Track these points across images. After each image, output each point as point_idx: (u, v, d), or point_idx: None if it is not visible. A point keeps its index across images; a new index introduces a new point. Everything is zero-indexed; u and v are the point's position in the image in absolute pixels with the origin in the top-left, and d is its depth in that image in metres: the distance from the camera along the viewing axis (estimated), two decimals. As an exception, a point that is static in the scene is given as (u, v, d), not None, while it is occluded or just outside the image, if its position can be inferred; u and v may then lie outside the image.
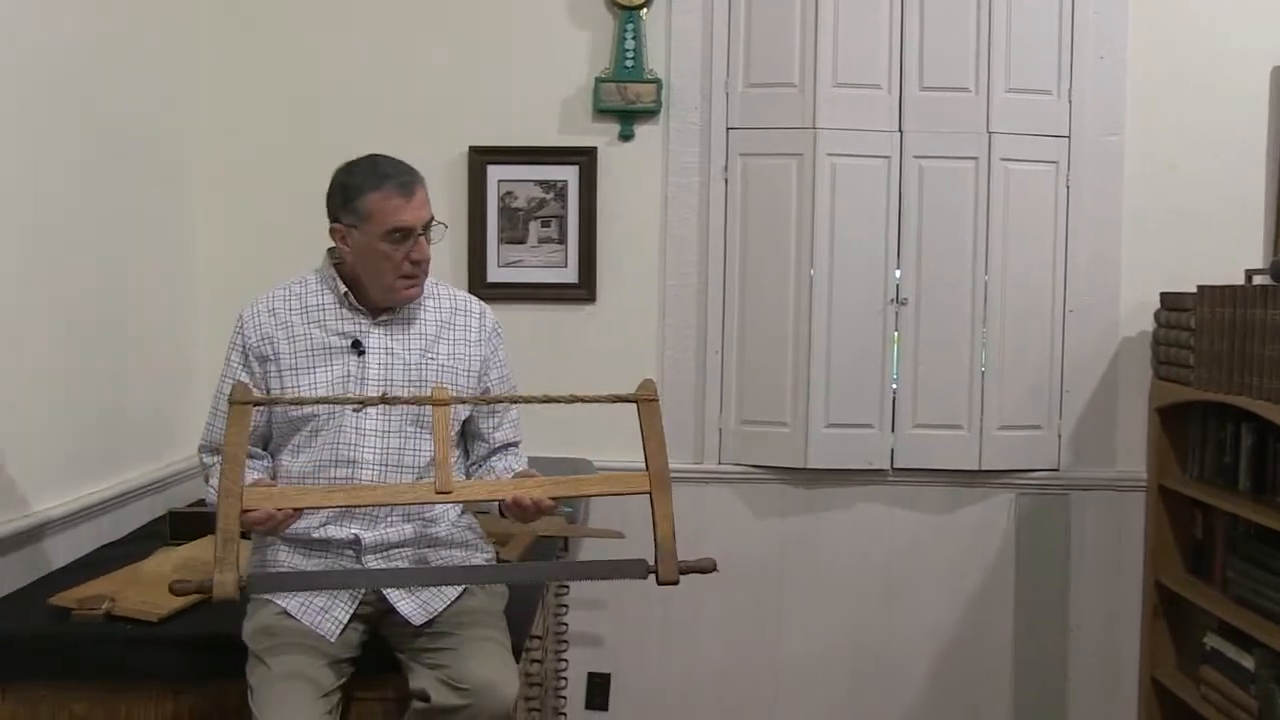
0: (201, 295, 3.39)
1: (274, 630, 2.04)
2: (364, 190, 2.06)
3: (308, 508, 1.96)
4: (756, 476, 3.47)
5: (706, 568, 1.89)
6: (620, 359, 3.41)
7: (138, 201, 3.03)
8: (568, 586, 3.20)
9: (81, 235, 2.74)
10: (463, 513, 2.23)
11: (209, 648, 2.14)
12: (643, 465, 1.92)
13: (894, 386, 3.39)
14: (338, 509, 2.07)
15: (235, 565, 1.79)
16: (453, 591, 2.13)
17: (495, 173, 3.43)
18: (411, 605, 2.10)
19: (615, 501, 3.34)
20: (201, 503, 2.90)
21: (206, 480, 2.15)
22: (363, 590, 2.09)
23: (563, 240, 3.45)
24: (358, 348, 2.11)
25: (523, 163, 3.42)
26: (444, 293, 2.24)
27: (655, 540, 1.87)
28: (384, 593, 2.09)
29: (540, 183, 3.44)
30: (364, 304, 2.14)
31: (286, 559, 2.12)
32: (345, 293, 2.13)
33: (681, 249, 3.45)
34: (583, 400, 1.91)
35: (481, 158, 3.42)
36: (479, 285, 3.42)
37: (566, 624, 3.23)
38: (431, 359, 2.14)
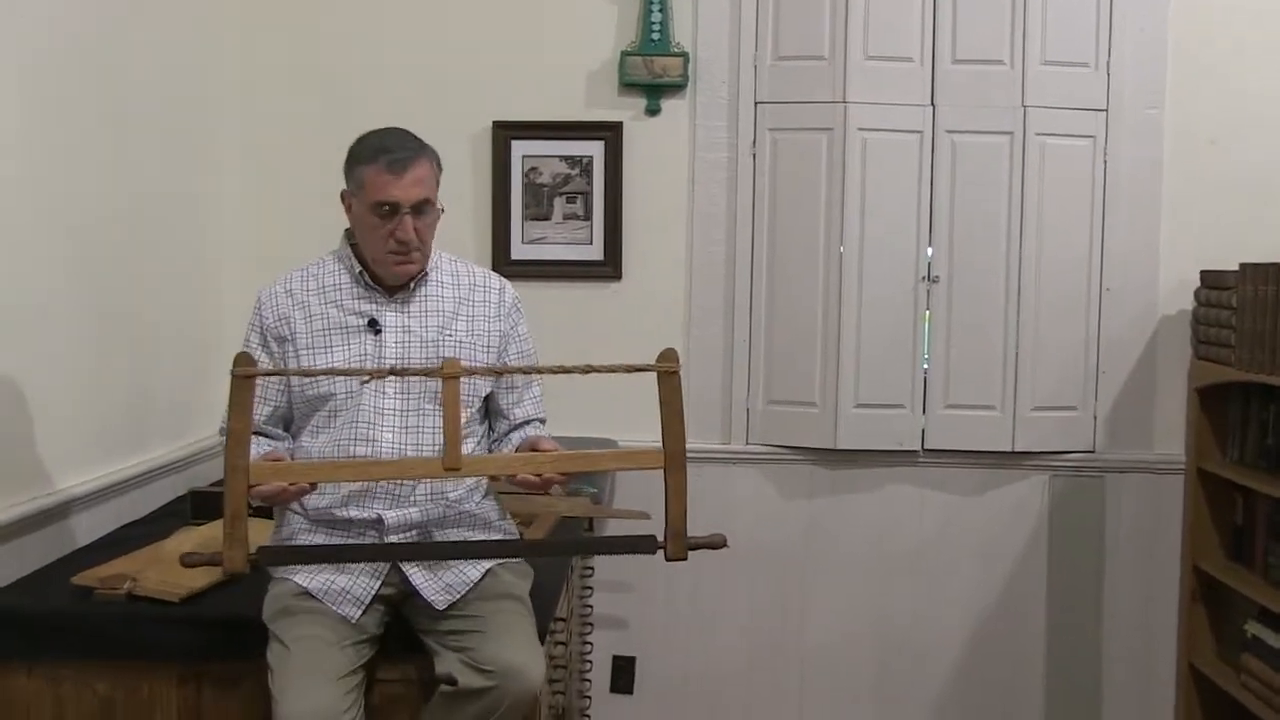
0: (227, 275, 3.40)
1: (293, 611, 2.04)
2: (361, 160, 2.08)
3: (314, 481, 1.96)
4: (784, 457, 3.46)
5: (716, 543, 1.89)
6: (646, 337, 3.37)
7: (163, 181, 3.03)
8: (592, 568, 3.21)
9: (107, 216, 2.74)
10: (486, 494, 2.23)
11: (229, 628, 2.15)
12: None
13: (925, 366, 3.38)
14: (360, 488, 2.08)
15: (245, 541, 1.80)
16: (475, 573, 2.11)
17: (519, 148, 3.42)
18: (434, 589, 2.09)
19: (642, 483, 3.36)
20: (223, 482, 2.89)
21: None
22: (384, 570, 2.08)
23: (588, 217, 3.44)
24: (374, 326, 2.12)
25: (547, 138, 3.42)
26: (463, 269, 2.24)
27: (666, 517, 1.87)
28: (406, 574, 2.08)
29: (565, 158, 3.43)
30: (379, 282, 2.14)
31: (308, 539, 2.12)
32: (360, 271, 2.13)
33: (709, 225, 3.44)
34: (598, 370, 1.88)
35: (505, 133, 3.42)
36: (502, 262, 3.42)
37: (591, 606, 3.25)
38: (449, 336, 2.14)
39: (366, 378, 1.94)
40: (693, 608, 3.51)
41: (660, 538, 1.90)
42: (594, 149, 3.42)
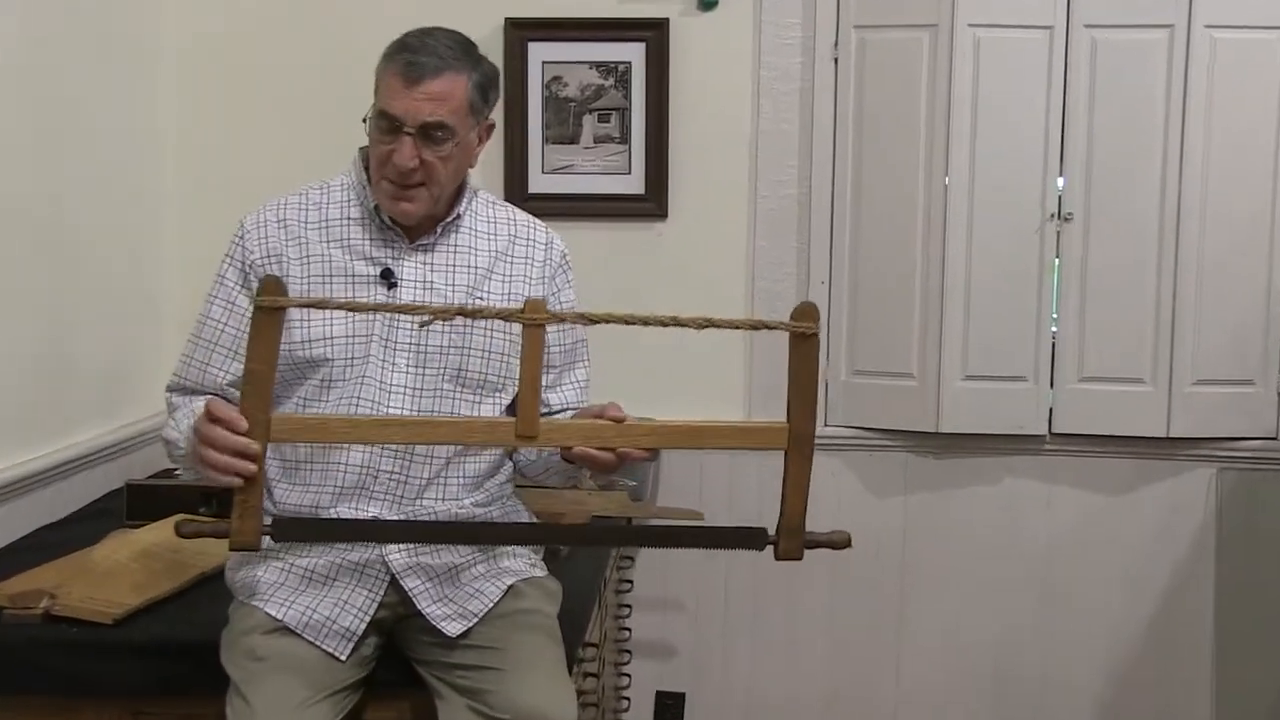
0: (171, 210, 3.38)
1: (260, 654, 2.01)
2: (385, 55, 2.09)
3: (353, 441, 1.98)
4: (873, 442, 3.47)
5: (839, 542, 1.93)
6: (698, 292, 3.39)
7: (88, 86, 3.01)
8: (630, 582, 3.25)
9: (13, 128, 2.71)
10: (514, 486, 2.27)
11: (177, 657, 2.13)
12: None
13: (1053, 328, 3.37)
14: (354, 482, 2.08)
15: (258, 510, 1.84)
16: (495, 592, 2.11)
17: (539, 52, 3.41)
18: (445, 612, 2.08)
19: (690, 474, 3.49)
20: (168, 473, 2.91)
21: (170, 418, 2.13)
22: (382, 589, 2.08)
23: (625, 140, 3.43)
24: (388, 278, 2.12)
25: (574, 39, 3.41)
26: (502, 214, 2.25)
27: (782, 510, 1.89)
28: (410, 594, 2.08)
29: (597, 65, 3.41)
30: (399, 222, 2.14)
31: (282, 549, 2.10)
32: (376, 205, 2.13)
33: (778, 151, 3.43)
34: (715, 325, 1.83)
35: (521, 33, 3.41)
36: (518, 197, 3.38)
37: (630, 629, 3.25)
38: (480, 297, 2.16)
39: (428, 317, 1.97)
40: (758, 631, 3.52)
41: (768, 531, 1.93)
42: (633, 53, 3.40)
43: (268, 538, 1.89)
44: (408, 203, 2.08)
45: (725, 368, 3.41)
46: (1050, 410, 3.38)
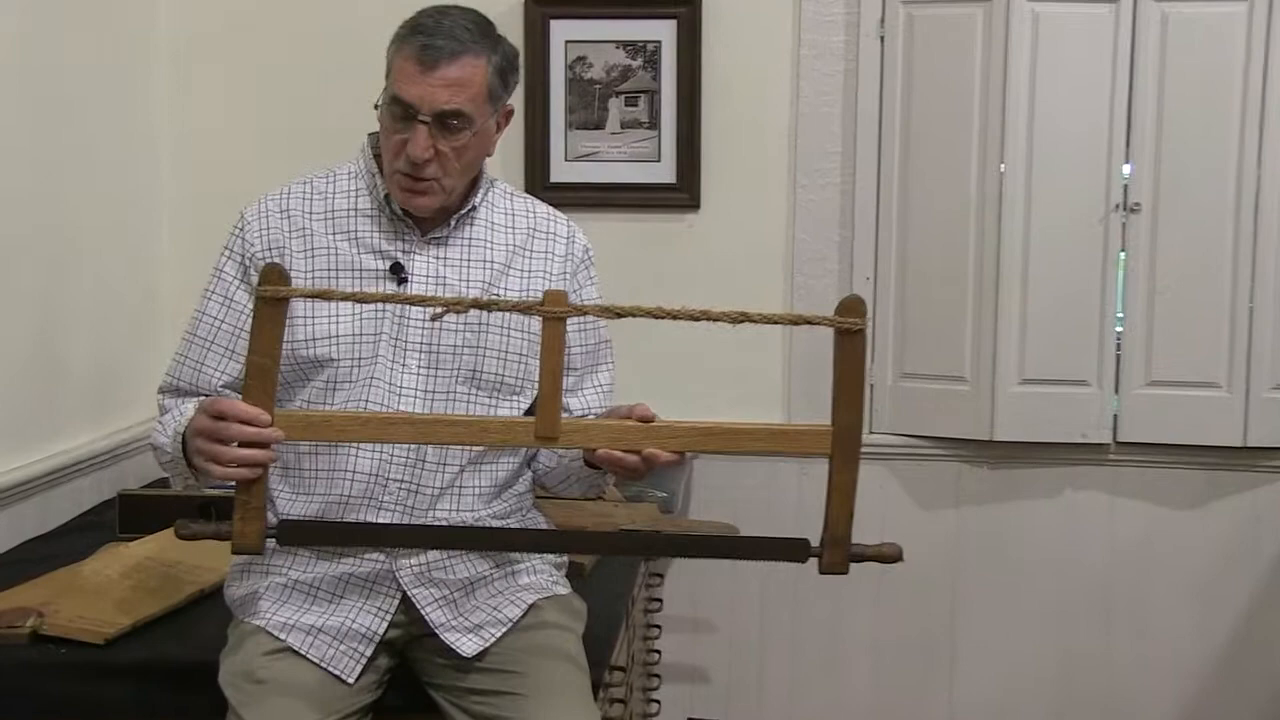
0: (166, 206, 3.40)
1: (261, 677, 2.00)
2: (398, 37, 2.07)
3: (359, 440, 1.97)
4: (922, 451, 3.47)
5: (889, 555, 1.93)
6: (732, 289, 3.33)
7: (81, 77, 3.03)
8: (660, 600, 3.24)
9: (7, 126, 2.74)
10: (534, 498, 2.27)
11: (173, 680, 2.13)
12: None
13: (1118, 328, 3.36)
14: (362, 492, 2.08)
15: (261, 512, 1.85)
16: (514, 610, 2.11)
17: (561, 30, 3.42)
18: (460, 630, 2.08)
19: (723, 486, 3.47)
20: (164, 482, 2.91)
21: (158, 422, 2.14)
22: (393, 606, 2.07)
23: (654, 125, 3.43)
24: (398, 272, 2.11)
25: (599, 16, 3.42)
26: (520, 206, 2.24)
27: (826, 520, 1.90)
28: (422, 611, 2.07)
29: (624, 44, 3.42)
30: (410, 213, 2.13)
31: (286, 564, 2.10)
32: (387, 195, 2.12)
33: (819, 136, 3.43)
34: (750, 320, 1.83)
35: (542, 10, 3.42)
36: (539, 186, 3.40)
37: (659, 652, 3.23)
38: (496, 294, 2.14)
39: (440, 309, 1.94)
40: (798, 654, 3.52)
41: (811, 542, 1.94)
42: (663, 31, 3.40)
43: (271, 541, 1.89)
44: (421, 196, 2.08)
45: (761, 370, 3.41)
46: (1115, 417, 3.36)
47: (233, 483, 1.88)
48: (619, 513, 2.87)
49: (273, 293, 1.79)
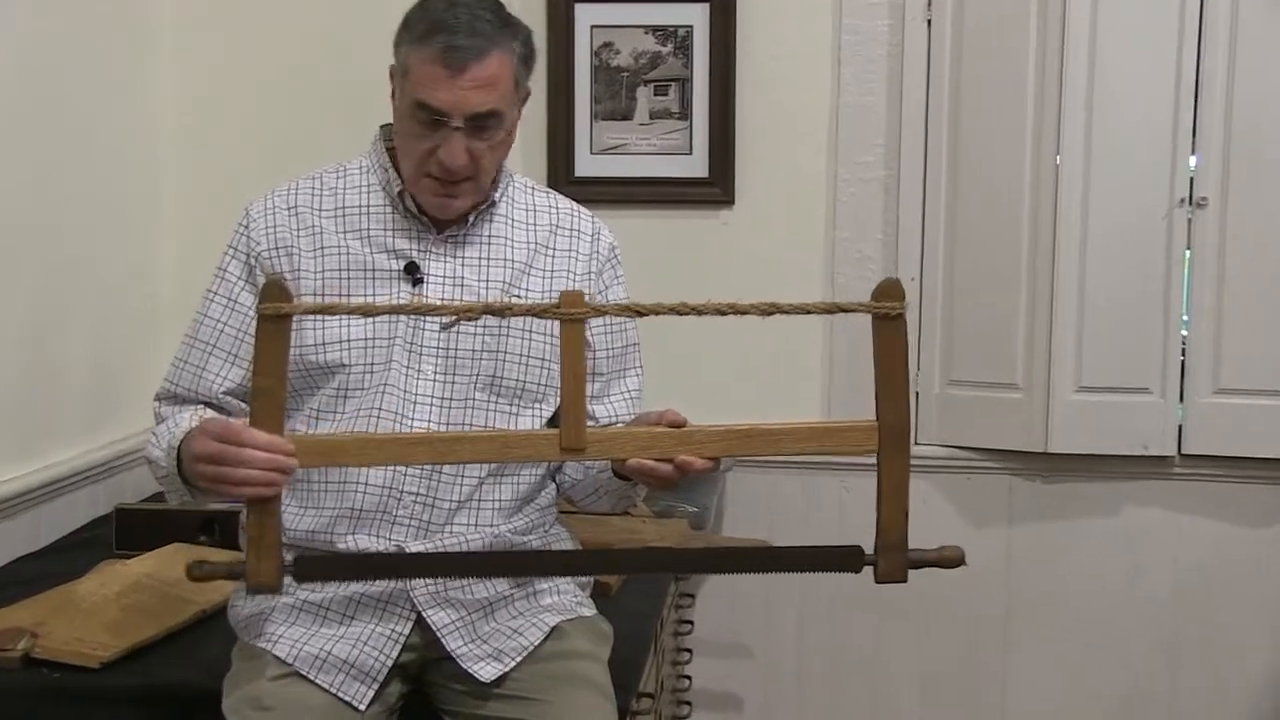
0: (167, 204, 3.41)
1: (268, 704, 1.99)
2: (412, 35, 2.06)
3: (374, 463, 1.98)
4: (972, 464, 3.47)
5: (950, 560, 1.94)
6: (768, 289, 3.23)
7: (81, 75, 3.05)
8: (690, 623, 3.26)
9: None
10: (556, 511, 2.27)
11: (173, 706, 2.13)
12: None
13: (1184, 332, 3.35)
14: (374, 506, 2.08)
15: (276, 547, 1.83)
16: (536, 634, 2.11)
17: (586, 15, 3.43)
18: (477, 654, 2.08)
19: (757, 500, 3.48)
20: (163, 496, 2.88)
21: (153, 433, 2.14)
22: (407, 630, 2.07)
23: (686, 115, 3.44)
24: (413, 273, 2.12)
25: (627, 0, 3.43)
26: (541, 201, 2.25)
27: (879, 522, 1.89)
28: (437, 633, 2.07)
29: (653, 29, 3.43)
30: (426, 209, 2.14)
31: (295, 588, 2.09)
32: (401, 191, 2.13)
33: (862, 127, 3.44)
34: (781, 310, 1.81)
35: None
36: (563, 181, 3.41)
37: (690, 677, 3.24)
38: (517, 295, 2.16)
39: (452, 317, 1.96)
40: (835, 681, 3.53)
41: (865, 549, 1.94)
42: (695, 15, 3.41)
43: (289, 577, 1.87)
44: (452, 200, 2.09)
45: (798, 369, 3.42)
46: (1179, 428, 3.35)
47: (239, 500, 1.86)
48: (647, 529, 2.87)
49: (274, 310, 1.79)
